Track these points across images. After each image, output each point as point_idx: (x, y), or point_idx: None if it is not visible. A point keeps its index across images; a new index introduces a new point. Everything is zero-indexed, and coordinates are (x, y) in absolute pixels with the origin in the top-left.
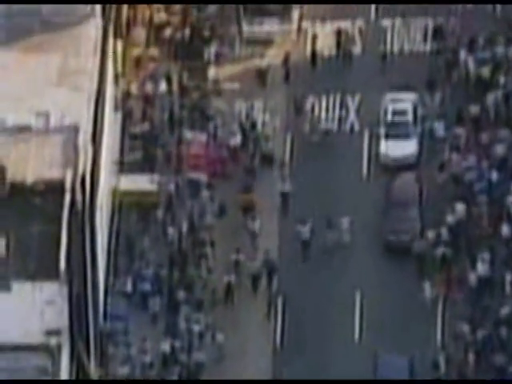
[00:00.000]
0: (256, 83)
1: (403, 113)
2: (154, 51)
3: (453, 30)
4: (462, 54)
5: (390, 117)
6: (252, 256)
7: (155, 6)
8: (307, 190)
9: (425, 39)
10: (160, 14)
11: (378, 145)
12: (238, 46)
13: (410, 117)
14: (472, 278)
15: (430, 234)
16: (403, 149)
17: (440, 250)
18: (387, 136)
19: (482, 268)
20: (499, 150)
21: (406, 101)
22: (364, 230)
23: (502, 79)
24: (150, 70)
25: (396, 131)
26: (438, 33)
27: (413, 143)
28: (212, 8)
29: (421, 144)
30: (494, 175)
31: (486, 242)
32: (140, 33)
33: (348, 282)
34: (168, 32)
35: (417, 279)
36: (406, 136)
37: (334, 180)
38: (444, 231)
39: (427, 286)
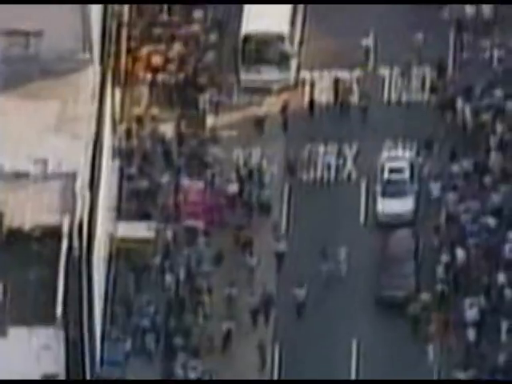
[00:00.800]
0: (254, 131)
1: (400, 171)
2: (155, 110)
3: (450, 78)
4: (460, 103)
5: (386, 175)
6: (250, 291)
7: (154, 50)
8: (304, 243)
9: (423, 88)
10: (157, 58)
11: (375, 194)
12: (235, 95)
13: (406, 175)
14: (467, 323)
15: (424, 296)
16: (400, 207)
17: (438, 288)
18: (384, 194)
19: (470, 313)
20: (496, 199)
21: (402, 159)
22: (360, 281)
23: (499, 127)
24: (150, 129)
25: (393, 189)
26: (436, 82)
27: (409, 201)
28: (210, 56)
29: (417, 202)
30: (491, 221)
31: (481, 288)
32: (142, 92)
33: (344, 331)
34: (165, 78)
35: (411, 333)
36: (402, 194)
37: (331, 230)
38: (440, 270)
39: (430, 350)
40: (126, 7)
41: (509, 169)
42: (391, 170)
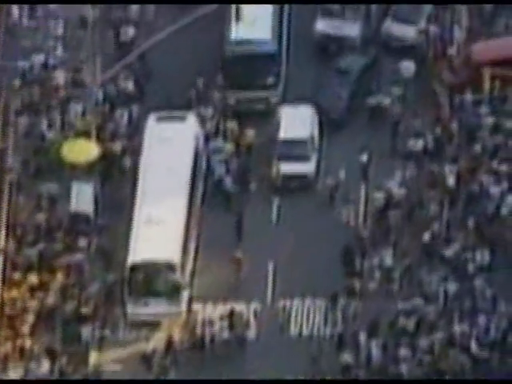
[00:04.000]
0: (141, 368)
1: None
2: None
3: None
4: (363, 337)
5: None
6: None
7: (33, 280)
8: None
9: (325, 323)
10: (36, 289)
11: None
12: (121, 329)
13: None
14: None
15: None
16: None
17: None
18: None
19: None
20: None
21: None
22: None
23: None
24: None
25: None
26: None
27: None
28: (95, 287)
29: None
30: None
31: None
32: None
33: None
34: (45, 310)
35: None
36: None
37: None
38: None
39: None
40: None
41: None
42: None
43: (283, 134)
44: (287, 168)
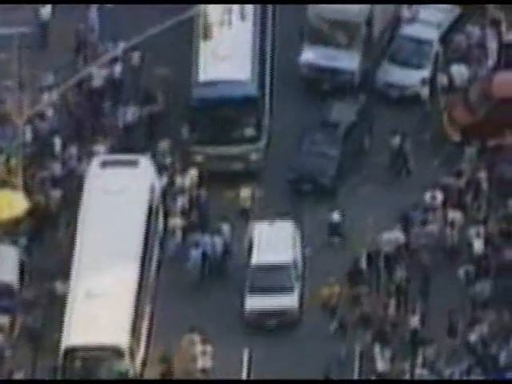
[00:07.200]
0: None
1: None
2: None
3: None
4: None
5: None
6: None
7: None
8: None
9: None
10: None
11: None
12: None
13: None
14: None
15: None
16: None
17: None
18: None
19: None
20: None
21: None
22: None
23: None
24: None
25: None
26: None
27: None
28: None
29: None
30: None
31: None
32: None
33: None
34: None
35: None
36: None
37: None
38: None
39: None
40: None
41: None
42: None
43: (257, 258)
44: (262, 303)
